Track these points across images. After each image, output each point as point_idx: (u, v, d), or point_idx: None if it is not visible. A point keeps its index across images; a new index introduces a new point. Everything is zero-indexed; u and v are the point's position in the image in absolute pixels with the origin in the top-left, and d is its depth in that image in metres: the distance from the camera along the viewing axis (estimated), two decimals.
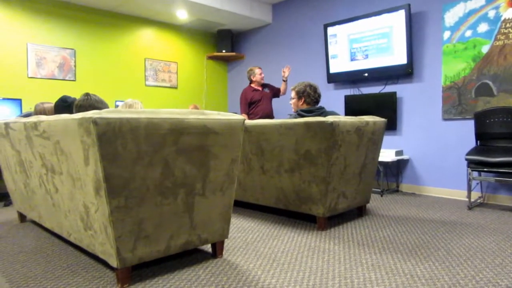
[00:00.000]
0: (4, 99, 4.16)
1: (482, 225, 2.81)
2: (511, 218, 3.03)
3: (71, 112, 2.41)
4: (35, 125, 2.05)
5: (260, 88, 4.59)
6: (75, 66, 4.85)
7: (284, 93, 4.72)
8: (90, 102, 2.16)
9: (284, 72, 4.55)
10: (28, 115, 3.40)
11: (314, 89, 3.00)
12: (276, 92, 4.69)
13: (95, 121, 1.53)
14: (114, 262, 1.72)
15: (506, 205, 3.52)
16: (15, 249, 2.33)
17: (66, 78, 4.78)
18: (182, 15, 5.33)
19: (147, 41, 5.57)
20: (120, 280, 1.75)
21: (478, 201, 3.69)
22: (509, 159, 3.08)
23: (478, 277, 1.85)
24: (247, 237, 2.54)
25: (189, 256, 2.18)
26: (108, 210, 1.63)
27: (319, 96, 3.03)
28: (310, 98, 2.99)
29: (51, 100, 3.44)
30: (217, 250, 2.15)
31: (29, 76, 4.49)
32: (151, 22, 5.60)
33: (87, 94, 2.21)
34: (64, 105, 2.48)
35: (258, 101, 4.53)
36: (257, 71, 4.56)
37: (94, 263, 2.07)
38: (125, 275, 1.75)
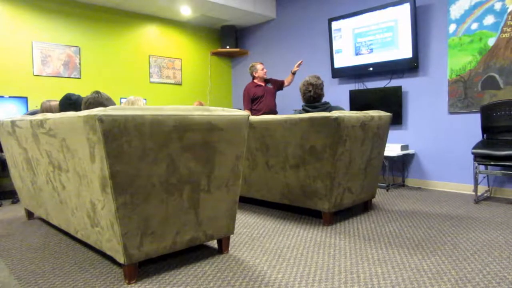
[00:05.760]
0: (10, 97, 4.19)
1: (489, 219, 2.79)
2: None
3: (76, 109, 2.42)
4: (41, 123, 2.06)
5: (263, 84, 4.58)
6: (80, 63, 4.87)
7: (289, 85, 4.73)
8: (99, 100, 2.16)
9: (295, 65, 4.57)
10: (34, 113, 3.42)
11: (307, 88, 2.95)
12: (280, 85, 4.68)
13: (100, 119, 1.54)
14: (121, 259, 1.73)
15: None
16: (23, 246, 2.36)
17: (71, 76, 4.80)
18: (185, 11, 5.32)
19: (151, 38, 5.57)
20: (127, 276, 1.76)
21: (485, 195, 3.67)
22: None
23: (485, 270, 1.85)
24: (252, 233, 2.55)
25: (195, 252, 2.19)
26: (114, 207, 1.64)
27: (315, 93, 2.93)
28: (304, 96, 2.98)
29: (57, 98, 3.46)
30: (223, 246, 2.16)
31: (35, 74, 4.52)
32: (155, 19, 5.60)
33: (97, 92, 2.22)
34: (69, 103, 2.49)
35: (261, 96, 4.52)
36: (259, 66, 4.55)
37: (101, 260, 2.09)
38: (132, 271, 1.77)
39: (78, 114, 1.70)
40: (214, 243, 2.33)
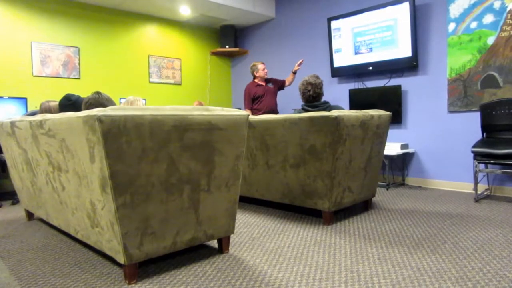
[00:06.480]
0: (9, 98, 4.19)
1: (489, 217, 2.79)
2: None
3: (75, 110, 2.42)
4: (41, 124, 2.06)
5: (263, 83, 4.58)
6: (79, 64, 4.87)
7: (290, 84, 4.74)
8: (100, 101, 2.17)
9: (296, 64, 4.57)
10: (33, 113, 3.42)
11: (306, 87, 2.94)
12: (281, 85, 4.69)
13: (99, 119, 1.54)
14: (121, 259, 1.73)
15: None
16: (23, 247, 2.36)
17: (71, 76, 4.80)
18: (185, 11, 5.32)
19: (151, 38, 5.57)
20: (127, 277, 1.76)
21: (485, 193, 3.67)
22: None
23: (485, 269, 1.85)
24: (253, 232, 2.55)
25: (195, 252, 2.19)
26: (114, 207, 1.64)
27: (314, 93, 2.93)
28: (303, 96, 2.98)
29: (57, 98, 3.46)
30: (223, 246, 2.16)
31: (34, 74, 4.52)
32: (154, 19, 5.60)
33: (98, 93, 2.22)
34: (68, 103, 2.49)
35: (261, 96, 4.52)
36: (260, 66, 4.55)
37: (102, 260, 2.09)
38: (132, 272, 1.77)
39: (77, 114, 1.70)
40: (214, 243, 2.33)
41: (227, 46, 6.07)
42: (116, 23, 5.22)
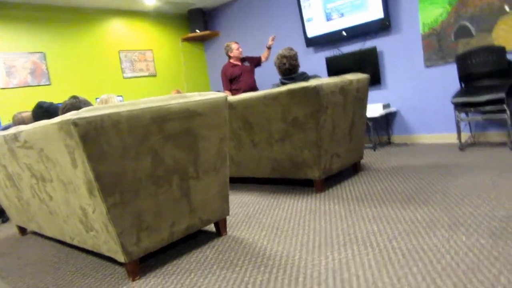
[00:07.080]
0: None
1: (474, 164, 2.86)
2: (501, 153, 3.10)
3: (49, 117, 2.36)
4: (15, 137, 2.00)
5: (239, 63, 4.52)
6: (47, 69, 4.71)
7: (266, 60, 4.70)
8: (77, 105, 2.11)
9: (269, 40, 4.55)
10: (8, 127, 3.32)
11: (281, 61, 2.92)
12: (257, 62, 4.66)
13: (74, 122, 1.50)
14: (121, 258, 1.73)
15: (496, 141, 3.59)
16: (21, 262, 2.33)
17: (41, 83, 4.65)
18: (149, 0, 5.16)
19: (118, 32, 5.41)
20: (130, 274, 1.77)
21: (469, 141, 3.75)
22: (493, 97, 3.11)
23: (476, 212, 1.91)
24: (248, 211, 2.57)
25: (194, 239, 2.20)
26: (105, 209, 1.62)
27: (290, 65, 2.90)
28: (280, 69, 2.96)
29: (29, 108, 3.36)
30: (220, 228, 2.18)
31: (1, 87, 4.36)
32: (119, 13, 5.42)
33: (75, 97, 2.17)
34: (41, 112, 2.42)
35: (239, 76, 4.47)
36: (234, 46, 4.48)
37: (103, 262, 2.08)
38: (134, 268, 1.77)
39: (51, 121, 1.65)
40: (211, 227, 2.35)
41: (197, 30, 5.94)
42: (81, 22, 5.03)
